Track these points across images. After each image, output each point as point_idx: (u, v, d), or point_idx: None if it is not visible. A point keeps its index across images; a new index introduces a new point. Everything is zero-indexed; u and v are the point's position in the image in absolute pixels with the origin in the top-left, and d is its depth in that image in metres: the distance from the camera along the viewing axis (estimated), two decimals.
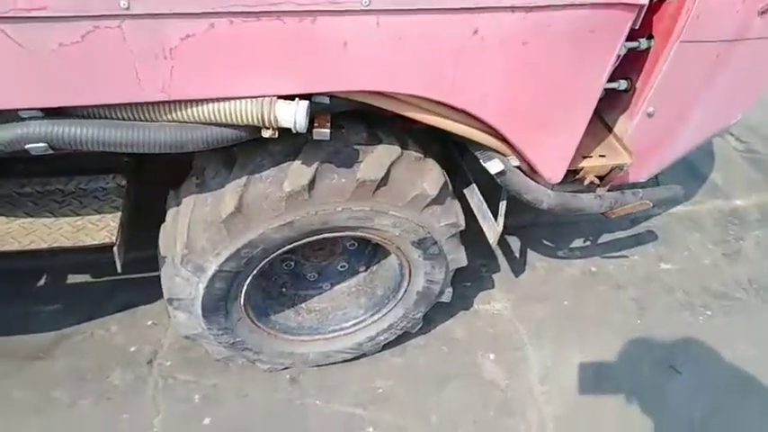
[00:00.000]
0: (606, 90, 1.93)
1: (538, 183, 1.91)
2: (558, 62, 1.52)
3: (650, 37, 1.81)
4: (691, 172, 3.51)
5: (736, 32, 1.78)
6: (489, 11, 1.35)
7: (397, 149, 1.70)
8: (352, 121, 1.72)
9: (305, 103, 1.35)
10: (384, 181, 1.63)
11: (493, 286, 2.69)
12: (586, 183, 2.04)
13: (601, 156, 2.02)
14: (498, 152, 1.79)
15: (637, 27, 1.79)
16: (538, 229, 3.00)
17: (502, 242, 2.91)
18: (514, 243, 2.93)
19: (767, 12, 1.76)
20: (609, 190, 2.18)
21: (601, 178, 2.10)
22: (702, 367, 2.45)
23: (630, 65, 1.89)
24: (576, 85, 1.60)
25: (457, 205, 1.89)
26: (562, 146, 1.79)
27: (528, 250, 2.92)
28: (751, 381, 2.42)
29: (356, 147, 1.65)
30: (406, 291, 2.03)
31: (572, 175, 2.02)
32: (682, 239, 3.06)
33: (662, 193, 2.24)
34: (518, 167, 1.85)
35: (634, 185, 2.26)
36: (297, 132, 1.36)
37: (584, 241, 3.00)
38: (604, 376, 2.37)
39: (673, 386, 2.36)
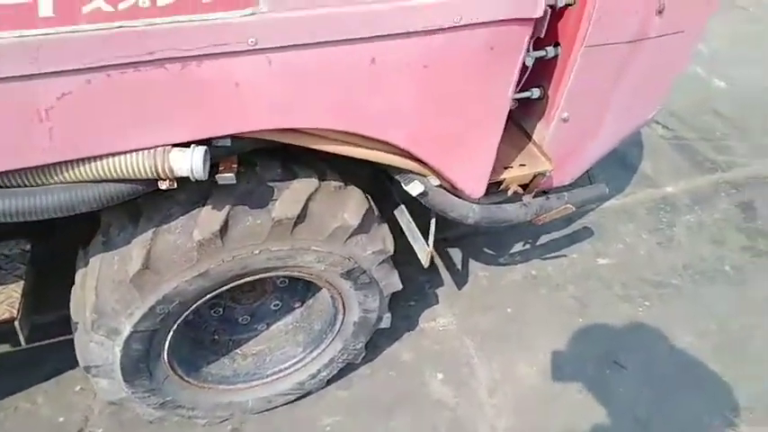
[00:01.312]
0: (521, 99, 1.96)
1: (462, 198, 1.90)
2: (461, 81, 1.51)
3: (557, 44, 1.84)
4: (621, 164, 3.60)
5: (638, 33, 1.82)
6: (384, 39, 1.32)
7: (314, 182, 1.65)
8: (267, 157, 1.66)
9: (201, 149, 1.28)
10: (302, 217, 1.58)
11: (437, 302, 2.67)
12: (510, 193, 2.05)
13: (522, 165, 2.03)
14: (417, 173, 1.77)
15: (542, 36, 1.83)
16: (478, 237, 3.01)
17: (443, 255, 2.90)
18: (456, 255, 2.92)
19: (664, 10, 1.81)
20: (535, 196, 2.20)
21: (525, 187, 2.12)
22: (645, 359, 2.49)
23: (542, 73, 1.91)
24: (482, 102, 1.60)
25: (384, 230, 1.85)
26: (479, 162, 1.79)
27: (470, 260, 2.92)
28: (691, 369, 2.48)
29: (270, 184, 1.59)
30: (342, 323, 1.97)
31: (495, 187, 2.02)
32: (616, 232, 3.13)
33: (587, 194, 2.28)
34: (440, 186, 1.83)
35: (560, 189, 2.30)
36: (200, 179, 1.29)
37: (524, 245, 3.02)
38: (551, 380, 2.38)
39: (618, 382, 2.39)
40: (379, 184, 2.05)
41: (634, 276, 2.88)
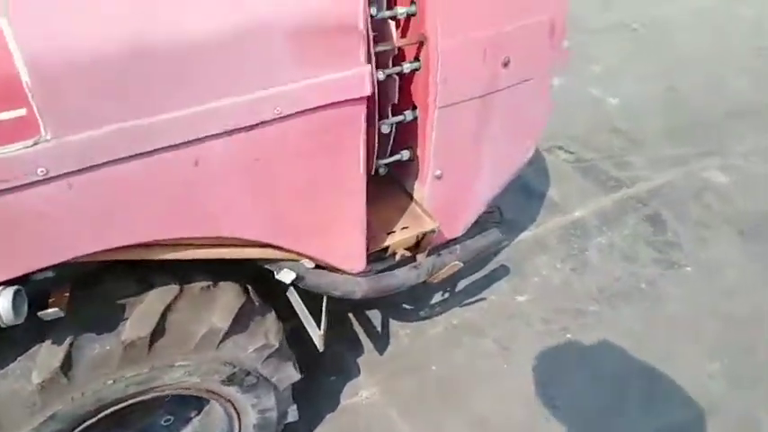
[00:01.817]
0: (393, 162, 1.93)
1: (345, 274, 1.83)
2: (301, 168, 1.45)
3: (415, 107, 1.83)
4: (528, 193, 3.65)
5: (488, 87, 1.84)
6: (200, 141, 1.25)
7: (173, 289, 1.54)
8: (119, 272, 1.54)
9: (8, 291, 1.16)
10: (159, 332, 1.46)
11: (359, 372, 2.55)
12: (398, 258, 1.99)
13: (404, 228, 1.98)
14: (290, 260, 1.69)
15: (396, 102, 1.82)
16: (396, 295, 2.92)
17: (362, 319, 2.81)
18: (375, 316, 2.83)
19: (509, 63, 1.84)
20: (429, 254, 2.15)
21: (417, 246, 2.07)
22: (574, 394, 2.44)
23: (408, 134, 1.90)
24: (331, 183, 1.54)
25: (268, 322, 1.75)
26: (348, 239, 1.72)
27: (390, 320, 2.83)
28: (618, 394, 2.45)
29: (121, 302, 1.47)
30: (240, 428, 1.83)
31: (382, 253, 1.97)
32: (532, 265, 3.13)
33: (480, 243, 2.25)
34: (317, 267, 1.76)
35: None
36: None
37: (443, 294, 2.97)
38: None
39: (550, 423, 2.32)
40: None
41: (553, 309, 2.86)
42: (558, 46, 2.02)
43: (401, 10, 1.66)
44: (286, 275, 1.66)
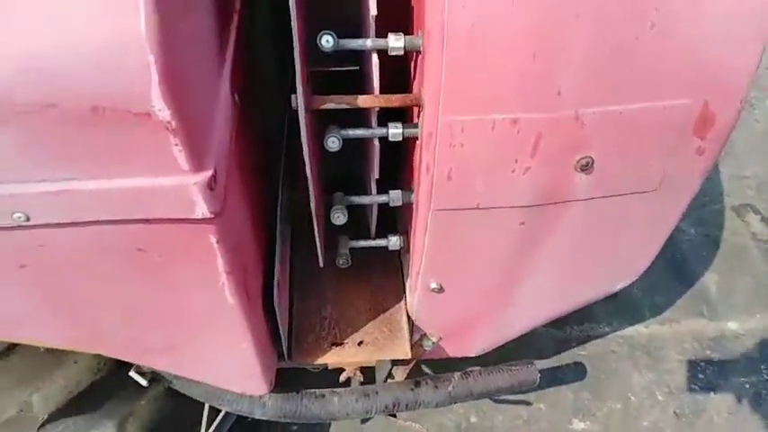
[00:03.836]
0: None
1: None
2: (115, 283, 0.90)
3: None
4: (674, 267, 2.60)
5: (541, 196, 1.06)
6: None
7: None
8: None
9: None
10: None
11: None
12: (343, 379, 1.39)
13: (361, 343, 1.35)
14: None
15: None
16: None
17: None
18: None
19: (592, 166, 1.02)
20: (415, 371, 1.50)
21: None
22: None
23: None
24: (178, 308, 0.97)
25: None
26: (239, 360, 1.16)
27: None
28: None
29: None
30: None
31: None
32: (619, 382, 2.23)
33: (497, 380, 1.51)
34: None
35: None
36: None
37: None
38: None
39: None
40: None
41: None
42: (717, 141, 1.08)
43: (395, 42, 0.93)
44: (140, 377, 1.19)
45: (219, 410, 1.44)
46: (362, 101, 0.97)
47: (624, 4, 0.88)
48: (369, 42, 0.95)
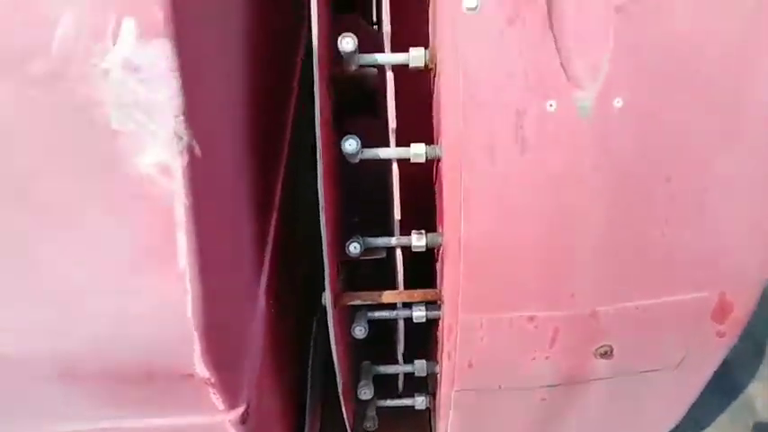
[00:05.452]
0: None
1: None
2: None
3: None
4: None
5: (561, 377, 1.08)
6: None
7: None
8: None
9: None
10: None
11: None
12: None
13: None
14: None
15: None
16: None
17: None
18: None
19: (610, 354, 1.04)
20: None
21: None
22: None
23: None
24: None
25: None
26: None
27: None
28: None
29: None
30: None
31: None
32: None
33: None
34: None
35: None
36: None
37: None
38: None
39: None
40: None
41: None
42: (737, 326, 1.09)
43: (417, 241, 1.00)
44: None
45: None
46: (386, 296, 1.03)
47: (634, 206, 0.92)
48: (393, 240, 1.03)
